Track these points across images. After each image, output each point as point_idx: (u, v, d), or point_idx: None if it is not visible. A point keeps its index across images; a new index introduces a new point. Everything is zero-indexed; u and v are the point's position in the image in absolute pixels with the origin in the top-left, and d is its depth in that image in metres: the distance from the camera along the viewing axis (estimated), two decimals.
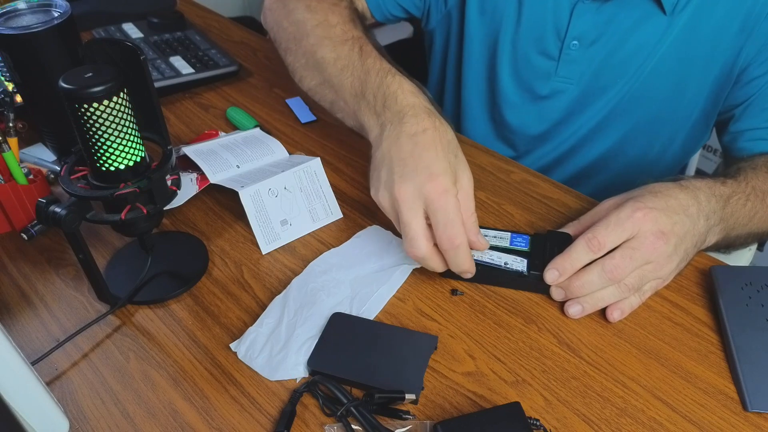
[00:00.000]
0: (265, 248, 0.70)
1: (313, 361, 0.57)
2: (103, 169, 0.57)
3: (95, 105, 0.53)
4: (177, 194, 0.64)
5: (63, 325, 0.63)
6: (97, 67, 0.55)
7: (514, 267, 0.64)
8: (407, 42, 1.72)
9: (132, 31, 1.12)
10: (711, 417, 0.54)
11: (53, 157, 0.82)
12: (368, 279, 0.66)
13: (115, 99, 0.54)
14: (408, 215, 0.58)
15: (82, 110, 0.53)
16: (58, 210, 0.56)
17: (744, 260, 0.97)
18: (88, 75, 0.54)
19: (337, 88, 0.72)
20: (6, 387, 0.43)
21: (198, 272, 0.68)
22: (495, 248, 0.66)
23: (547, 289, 0.63)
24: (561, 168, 0.97)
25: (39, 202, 0.57)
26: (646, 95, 0.85)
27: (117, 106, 0.54)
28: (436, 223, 0.58)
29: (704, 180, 0.65)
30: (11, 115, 0.78)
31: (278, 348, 0.59)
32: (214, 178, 0.73)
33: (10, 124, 0.77)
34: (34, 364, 0.58)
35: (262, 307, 0.63)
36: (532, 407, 0.54)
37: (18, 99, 0.81)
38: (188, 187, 0.73)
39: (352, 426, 0.52)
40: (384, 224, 0.72)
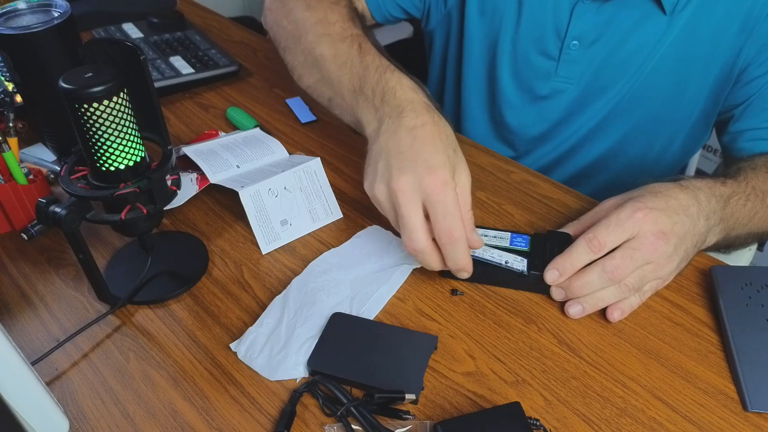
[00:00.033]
0: (265, 248, 0.70)
1: (313, 361, 0.57)
2: (103, 169, 0.57)
3: (95, 105, 0.53)
4: (177, 194, 0.64)
5: (63, 325, 0.63)
6: (97, 67, 0.55)
7: (515, 266, 0.64)
8: (407, 42, 1.73)
9: (132, 31, 1.12)
10: (711, 417, 0.54)
11: (53, 157, 0.82)
12: (368, 279, 0.66)
13: (115, 99, 0.54)
14: (407, 207, 0.58)
15: (82, 110, 0.53)
16: (58, 210, 0.56)
17: (744, 260, 0.97)
18: (88, 75, 0.54)
19: (336, 84, 0.72)
20: (6, 387, 0.43)
21: (198, 272, 0.68)
22: (495, 248, 0.66)
23: (547, 289, 0.63)
24: (561, 168, 0.97)
25: (39, 202, 0.57)
26: (646, 95, 0.85)
27: (117, 106, 0.54)
28: (435, 216, 0.58)
29: (704, 180, 0.65)
30: (11, 115, 0.78)
31: (278, 348, 0.59)
32: (214, 178, 0.73)
33: (10, 124, 0.77)
34: (34, 364, 0.58)
35: (262, 307, 0.63)
36: (532, 407, 0.54)
37: (18, 99, 0.81)
38: (188, 187, 0.73)
39: (352, 426, 0.52)
40: (384, 224, 0.72)
